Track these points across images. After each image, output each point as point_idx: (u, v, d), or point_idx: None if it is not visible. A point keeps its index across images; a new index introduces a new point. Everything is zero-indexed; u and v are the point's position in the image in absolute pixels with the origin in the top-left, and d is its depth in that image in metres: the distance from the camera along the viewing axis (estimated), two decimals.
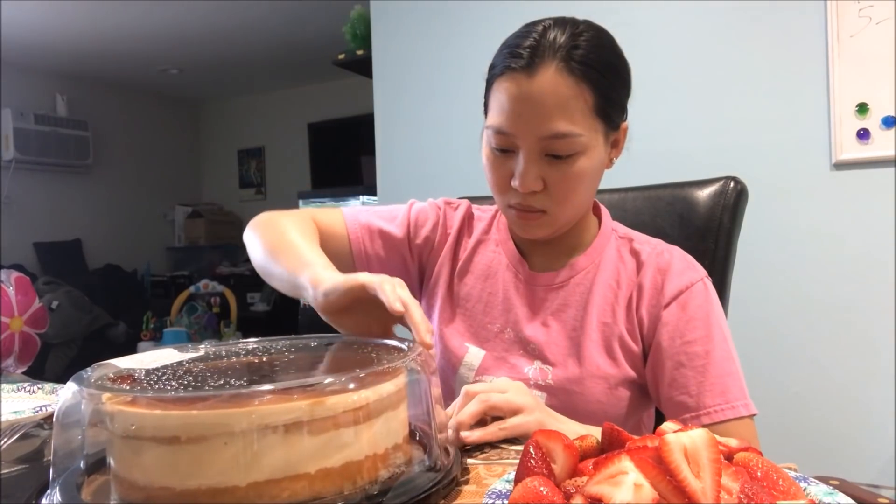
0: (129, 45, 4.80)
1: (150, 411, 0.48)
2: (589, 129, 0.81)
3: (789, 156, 1.98)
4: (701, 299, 0.86)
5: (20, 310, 1.18)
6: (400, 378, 0.56)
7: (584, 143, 0.80)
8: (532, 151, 0.81)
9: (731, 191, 1.03)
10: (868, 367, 1.88)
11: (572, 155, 0.81)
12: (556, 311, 0.91)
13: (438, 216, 1.01)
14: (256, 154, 6.38)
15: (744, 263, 1.14)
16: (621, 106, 0.86)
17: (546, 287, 0.92)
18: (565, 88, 0.78)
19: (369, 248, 0.97)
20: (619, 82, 0.85)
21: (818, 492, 0.45)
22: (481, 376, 0.91)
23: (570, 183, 0.82)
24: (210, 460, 0.46)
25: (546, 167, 0.81)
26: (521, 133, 0.80)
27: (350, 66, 3.21)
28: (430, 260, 1.01)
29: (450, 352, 0.94)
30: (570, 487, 0.44)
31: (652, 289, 0.87)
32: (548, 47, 0.79)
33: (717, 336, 0.85)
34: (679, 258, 0.90)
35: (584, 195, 0.87)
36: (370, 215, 1.00)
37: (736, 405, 0.82)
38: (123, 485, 0.50)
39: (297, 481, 0.47)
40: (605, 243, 0.93)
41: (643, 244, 0.92)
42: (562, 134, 0.79)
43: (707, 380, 0.82)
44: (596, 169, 0.85)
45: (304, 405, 0.48)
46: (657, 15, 2.16)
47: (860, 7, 1.87)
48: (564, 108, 0.78)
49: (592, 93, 0.79)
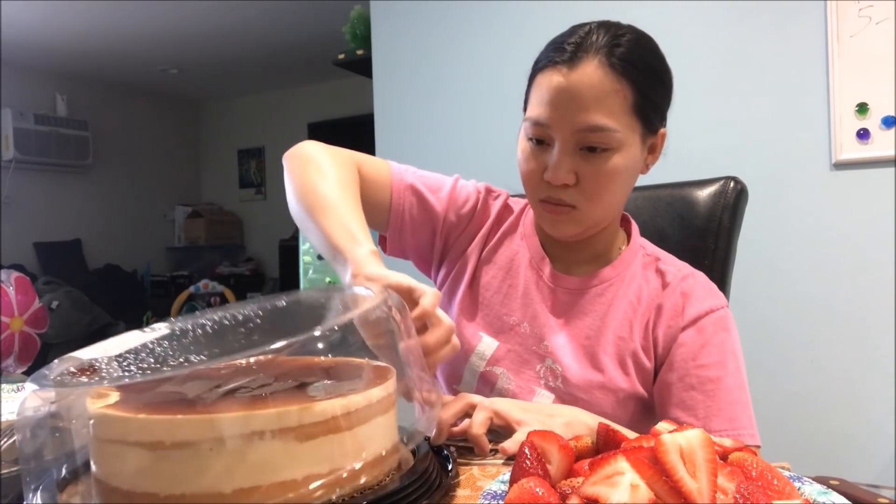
0: (129, 45, 4.80)
1: (134, 415, 0.47)
2: (626, 126, 0.81)
3: (789, 156, 1.98)
4: (719, 326, 0.85)
5: (20, 310, 1.18)
6: (389, 383, 0.56)
7: (619, 140, 0.80)
8: (567, 143, 0.81)
9: (731, 191, 1.03)
10: (868, 367, 1.88)
11: (607, 150, 0.80)
12: (574, 317, 0.90)
13: (478, 202, 0.99)
14: (256, 154, 6.38)
15: (744, 263, 1.14)
16: (660, 110, 0.86)
17: (568, 290, 0.91)
18: (605, 83, 0.79)
19: (406, 210, 0.95)
20: (660, 86, 0.85)
21: (812, 491, 0.45)
22: (492, 367, 0.91)
23: (602, 179, 0.81)
24: (195, 466, 0.45)
25: (580, 161, 0.81)
26: (557, 124, 0.80)
27: (350, 66, 3.21)
28: (459, 242, 0.99)
29: (464, 339, 0.92)
30: (566, 488, 0.44)
31: (672, 310, 0.87)
32: (591, 44, 0.81)
33: (730, 364, 0.84)
34: (703, 284, 0.89)
35: (616, 196, 0.86)
36: (416, 177, 0.98)
37: (742, 433, 0.81)
38: (106, 490, 0.49)
39: (284, 488, 0.47)
40: (632, 258, 0.92)
41: (669, 265, 0.91)
42: (598, 127, 0.79)
43: (715, 404, 0.82)
44: (630, 170, 0.84)
45: (292, 411, 0.47)
46: (657, 15, 2.16)
47: (860, 7, 1.86)
48: (603, 102, 0.79)
49: (632, 90, 0.80)
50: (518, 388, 0.89)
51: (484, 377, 0.91)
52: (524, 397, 0.88)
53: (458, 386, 0.94)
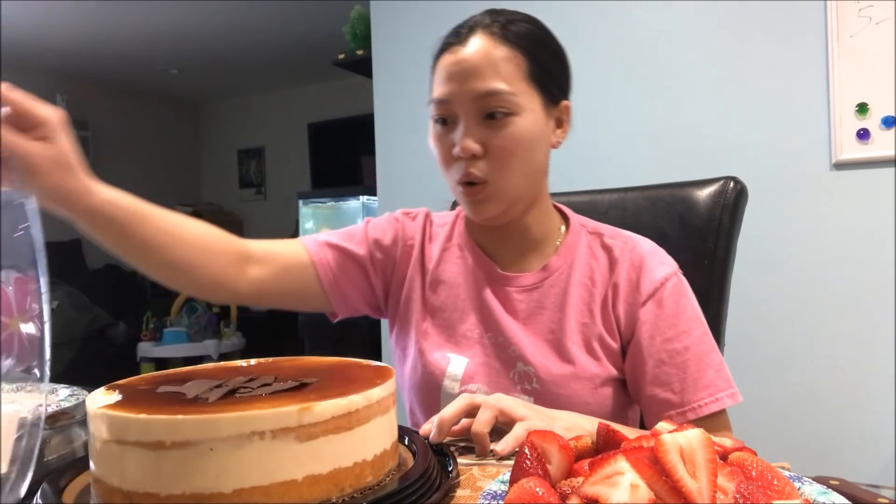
0: (129, 45, 4.80)
1: (134, 415, 0.47)
2: (522, 91, 0.83)
3: (789, 156, 1.98)
4: (677, 294, 0.87)
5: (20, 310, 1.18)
6: (389, 383, 0.56)
7: (518, 104, 0.83)
8: (469, 114, 0.83)
9: (731, 191, 1.03)
10: (868, 366, 1.88)
11: (508, 115, 0.82)
12: (533, 314, 0.90)
13: (397, 230, 0.99)
14: (256, 154, 6.38)
15: (744, 263, 1.14)
16: (559, 82, 0.89)
17: (520, 289, 0.91)
18: (496, 51, 0.83)
19: (332, 264, 0.95)
20: (555, 60, 0.89)
21: (812, 491, 0.45)
22: (467, 385, 0.89)
23: (508, 144, 0.83)
24: (195, 466, 0.45)
25: (485, 130, 0.83)
26: (457, 97, 0.83)
27: (350, 66, 3.21)
28: (396, 275, 0.98)
29: (432, 365, 0.92)
30: (566, 488, 0.44)
31: (627, 286, 0.88)
32: (478, 23, 0.86)
33: (695, 330, 0.85)
34: (651, 253, 0.90)
35: (527, 165, 0.86)
36: (328, 235, 0.98)
37: (720, 397, 0.83)
38: (106, 490, 0.49)
39: (284, 488, 0.47)
40: (576, 241, 0.92)
41: (614, 238, 0.92)
42: (494, 91, 0.82)
43: (689, 375, 0.83)
44: (535, 137, 0.85)
45: (292, 411, 0.47)
46: (657, 15, 2.16)
47: (860, 7, 1.86)
48: (496, 68, 0.82)
49: (524, 58, 0.84)
50: None
51: None
52: None
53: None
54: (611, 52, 2.20)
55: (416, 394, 0.95)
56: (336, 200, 3.92)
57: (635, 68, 2.17)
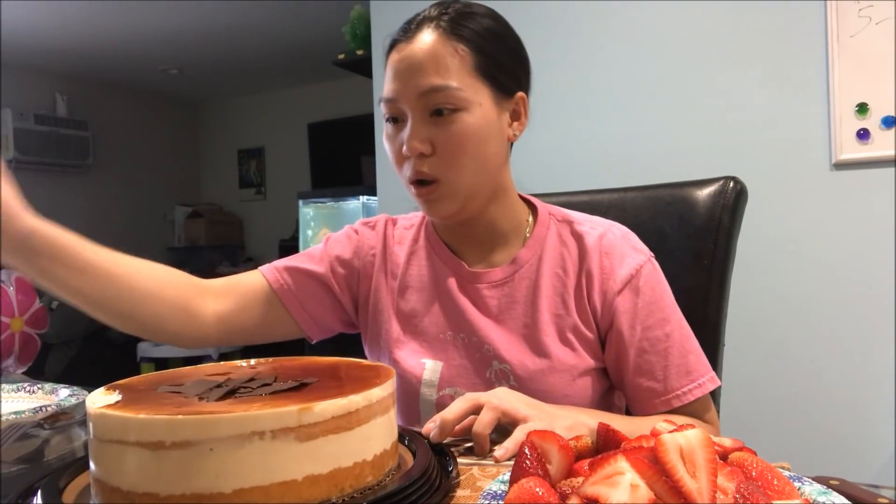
0: (129, 45, 4.80)
1: (134, 415, 0.47)
2: (469, 86, 0.82)
3: (789, 156, 1.98)
4: (653, 281, 0.87)
5: (20, 310, 1.18)
6: (389, 383, 0.56)
7: (464, 99, 0.81)
8: (416, 111, 0.82)
9: (731, 191, 1.03)
10: (868, 367, 1.88)
11: (455, 111, 0.81)
12: (504, 309, 0.89)
13: (357, 242, 0.98)
14: (256, 154, 6.38)
15: (744, 263, 1.14)
16: (512, 74, 0.87)
17: (489, 285, 0.90)
18: (440, 46, 0.82)
19: (294, 287, 0.94)
20: (505, 50, 0.86)
21: (812, 491, 0.45)
22: (444, 390, 0.88)
23: (455, 140, 0.81)
24: (195, 466, 0.45)
25: (432, 128, 0.82)
26: (403, 94, 0.83)
27: (350, 66, 3.21)
28: (362, 287, 0.97)
29: (408, 374, 0.89)
30: (566, 488, 0.44)
31: (601, 274, 0.86)
32: (425, 18, 0.85)
33: (672, 317, 0.86)
34: (622, 239, 0.89)
35: (477, 160, 0.84)
36: (286, 260, 0.97)
37: (703, 382, 0.84)
38: (106, 490, 0.49)
39: (284, 488, 0.47)
40: (544, 232, 0.91)
41: (583, 224, 0.90)
42: (438, 87, 0.81)
43: (671, 363, 0.84)
44: (484, 131, 0.83)
45: (292, 411, 0.47)
46: (657, 15, 2.16)
47: (860, 7, 1.86)
48: (439, 64, 0.81)
49: (470, 52, 0.82)
50: None
51: (441, 403, 0.87)
52: None
53: (419, 424, 0.90)
54: (611, 53, 2.20)
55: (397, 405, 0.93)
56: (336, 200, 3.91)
57: (635, 68, 2.17)
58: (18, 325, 1.17)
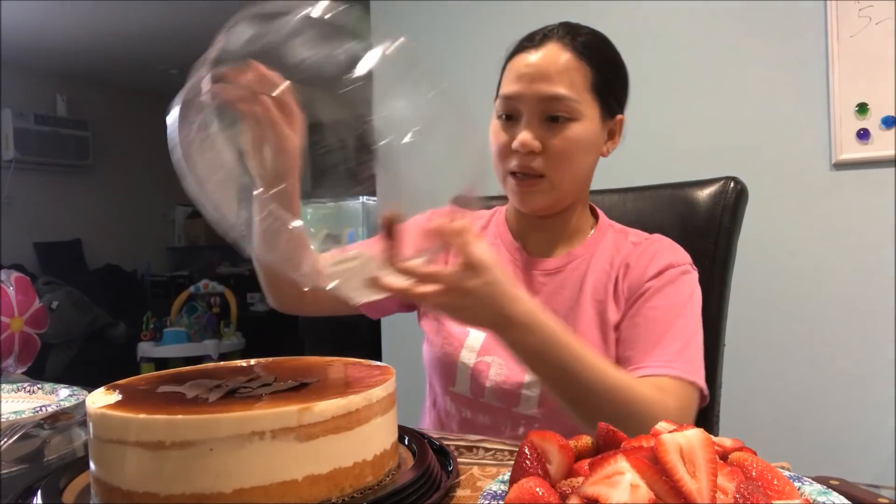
0: (129, 45, 4.80)
1: (134, 415, 0.47)
2: (585, 101, 0.89)
3: (789, 156, 1.98)
4: (679, 280, 0.90)
5: (20, 310, 1.18)
6: (389, 383, 0.56)
7: (579, 111, 0.88)
8: (533, 114, 0.88)
9: (731, 191, 1.03)
10: (868, 366, 1.88)
11: (569, 120, 0.88)
12: (553, 294, 0.94)
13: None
14: None
15: (744, 263, 1.14)
16: (617, 97, 0.94)
17: (543, 272, 0.96)
18: (568, 61, 0.88)
19: None
20: (617, 75, 0.94)
21: (812, 491, 0.45)
22: (483, 357, 0.93)
23: (566, 145, 0.88)
24: (195, 466, 0.46)
25: (545, 130, 0.88)
26: (525, 96, 0.88)
27: None
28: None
29: (452, 336, 0.97)
30: (566, 488, 0.44)
31: (637, 266, 0.91)
32: (554, 32, 0.92)
33: (684, 315, 0.87)
34: (668, 246, 0.94)
35: (580, 166, 0.92)
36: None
37: (676, 366, 0.81)
38: (106, 490, 0.49)
39: (284, 488, 0.47)
40: (601, 237, 0.98)
41: (638, 235, 0.97)
42: (561, 96, 0.87)
43: (659, 342, 0.84)
44: (590, 143, 0.91)
45: (292, 411, 0.47)
46: (657, 15, 2.16)
47: (860, 7, 1.86)
48: (564, 76, 0.88)
49: (591, 70, 0.89)
50: (509, 372, 0.91)
51: (476, 370, 0.93)
52: (513, 385, 0.90)
53: (453, 388, 0.96)
54: None
55: (435, 367, 0.99)
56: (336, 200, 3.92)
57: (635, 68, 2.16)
58: (18, 325, 1.17)
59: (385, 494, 0.50)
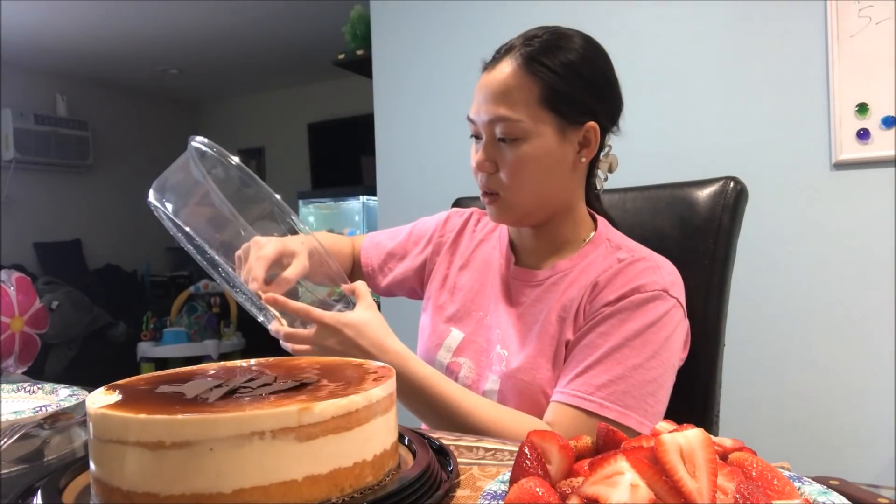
0: (129, 45, 4.80)
1: (134, 415, 0.47)
2: (532, 117, 0.87)
3: (789, 156, 1.98)
4: (643, 309, 0.83)
5: (20, 310, 1.18)
6: (389, 383, 0.56)
7: (524, 130, 0.87)
8: (486, 134, 0.90)
9: (731, 191, 1.03)
10: (868, 367, 1.88)
11: (516, 140, 0.87)
12: (529, 307, 0.95)
13: (438, 224, 1.12)
14: (256, 154, 6.38)
15: (744, 263, 1.14)
16: (580, 105, 0.89)
17: (524, 283, 0.97)
18: (511, 79, 0.87)
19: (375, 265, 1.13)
20: (579, 83, 0.88)
21: (812, 491, 0.45)
22: (457, 357, 0.98)
23: (514, 165, 0.88)
24: (195, 466, 0.45)
25: (498, 151, 0.89)
26: (478, 118, 0.91)
27: (350, 66, 3.21)
28: (432, 260, 1.11)
29: (435, 334, 1.02)
30: (566, 488, 0.44)
31: (604, 287, 0.87)
32: (510, 47, 0.90)
33: (634, 346, 0.81)
34: (648, 268, 0.87)
35: (538, 183, 0.89)
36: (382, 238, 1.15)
37: (593, 399, 0.79)
38: (106, 490, 0.49)
39: (284, 488, 0.47)
40: (591, 250, 0.94)
41: (630, 251, 0.91)
42: (501, 117, 0.87)
43: (586, 374, 0.81)
44: (544, 160, 0.88)
45: (292, 411, 0.47)
46: (657, 15, 2.16)
47: (860, 7, 1.86)
48: (507, 96, 0.87)
49: (540, 85, 0.86)
50: (476, 377, 0.95)
51: (450, 369, 0.97)
52: (479, 385, 0.93)
53: None
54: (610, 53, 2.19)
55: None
56: (336, 200, 3.92)
57: (635, 68, 2.17)
58: (18, 325, 1.17)
59: (385, 494, 0.50)
